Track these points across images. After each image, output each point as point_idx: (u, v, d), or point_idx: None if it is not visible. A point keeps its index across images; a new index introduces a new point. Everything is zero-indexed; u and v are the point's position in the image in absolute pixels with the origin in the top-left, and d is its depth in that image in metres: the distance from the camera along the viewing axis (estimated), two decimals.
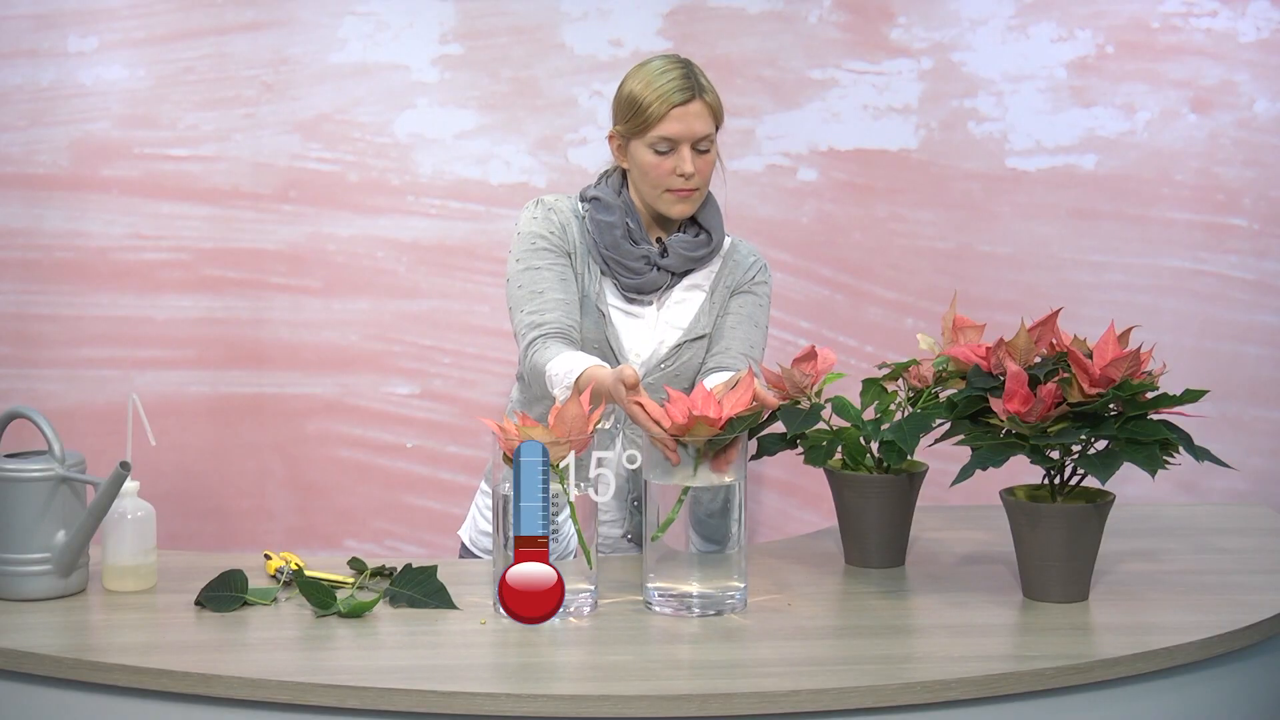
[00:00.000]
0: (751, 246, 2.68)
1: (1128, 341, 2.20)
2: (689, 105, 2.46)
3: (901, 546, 2.44)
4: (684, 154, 2.47)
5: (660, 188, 2.50)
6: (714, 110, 2.49)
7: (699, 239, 2.57)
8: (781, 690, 1.89)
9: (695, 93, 2.47)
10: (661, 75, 2.48)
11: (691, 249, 2.55)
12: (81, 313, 3.29)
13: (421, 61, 3.29)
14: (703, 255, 2.56)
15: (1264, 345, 3.40)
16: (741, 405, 2.17)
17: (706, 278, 2.60)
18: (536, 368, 2.40)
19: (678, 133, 2.46)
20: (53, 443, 2.23)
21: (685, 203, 2.51)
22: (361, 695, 1.90)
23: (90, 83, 3.25)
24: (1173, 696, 2.06)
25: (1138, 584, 2.32)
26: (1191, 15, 3.33)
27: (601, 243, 2.53)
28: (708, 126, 2.48)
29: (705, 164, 2.50)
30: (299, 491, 3.35)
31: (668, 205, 2.51)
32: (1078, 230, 3.37)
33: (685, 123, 2.46)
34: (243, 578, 2.22)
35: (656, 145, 2.48)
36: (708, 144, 2.49)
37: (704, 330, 2.58)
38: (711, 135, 2.49)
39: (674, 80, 2.47)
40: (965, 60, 3.33)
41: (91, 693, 1.98)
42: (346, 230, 3.30)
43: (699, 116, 2.47)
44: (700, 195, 2.53)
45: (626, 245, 2.52)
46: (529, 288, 2.49)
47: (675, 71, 2.48)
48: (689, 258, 2.55)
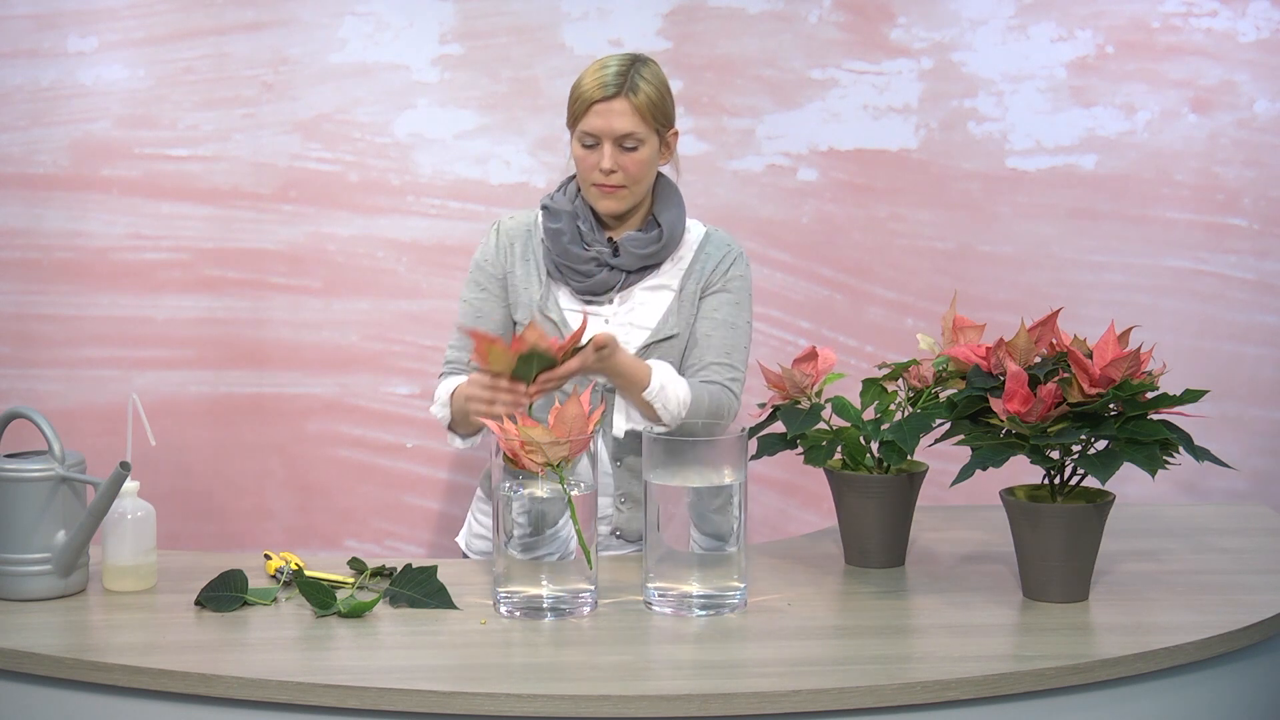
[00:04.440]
0: (726, 236, 2.65)
1: (1128, 341, 2.20)
2: (611, 102, 2.47)
3: (901, 546, 2.44)
4: (605, 150, 2.48)
5: (587, 182, 2.53)
6: (641, 110, 2.47)
7: (651, 235, 2.55)
8: (781, 690, 1.89)
9: (620, 90, 2.46)
10: (599, 71, 2.50)
11: (642, 246, 2.54)
12: (81, 313, 3.29)
13: (421, 61, 3.29)
14: (655, 251, 2.55)
15: (1264, 345, 3.40)
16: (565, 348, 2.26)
17: (674, 275, 2.58)
18: (435, 393, 2.58)
19: (598, 128, 2.48)
20: (53, 443, 2.23)
21: (610, 199, 2.52)
22: (361, 695, 1.90)
23: (90, 83, 3.24)
24: (1173, 696, 2.06)
25: (1138, 584, 2.32)
26: (1191, 15, 3.33)
27: (553, 250, 2.55)
28: (631, 125, 2.47)
29: (631, 162, 2.49)
30: (299, 491, 3.35)
31: (594, 199, 2.53)
32: (1078, 230, 3.37)
33: (605, 119, 2.47)
34: (243, 578, 2.22)
35: (583, 139, 2.50)
36: (633, 142, 2.48)
37: (674, 330, 2.56)
38: (638, 134, 2.48)
39: (605, 76, 2.48)
40: (965, 60, 3.33)
41: (91, 693, 1.98)
42: (346, 230, 3.30)
43: (621, 114, 2.46)
44: (630, 194, 2.52)
45: (576, 249, 2.53)
46: (459, 319, 2.61)
47: (612, 68, 2.49)
48: (641, 255, 2.54)
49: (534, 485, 2.17)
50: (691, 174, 3.33)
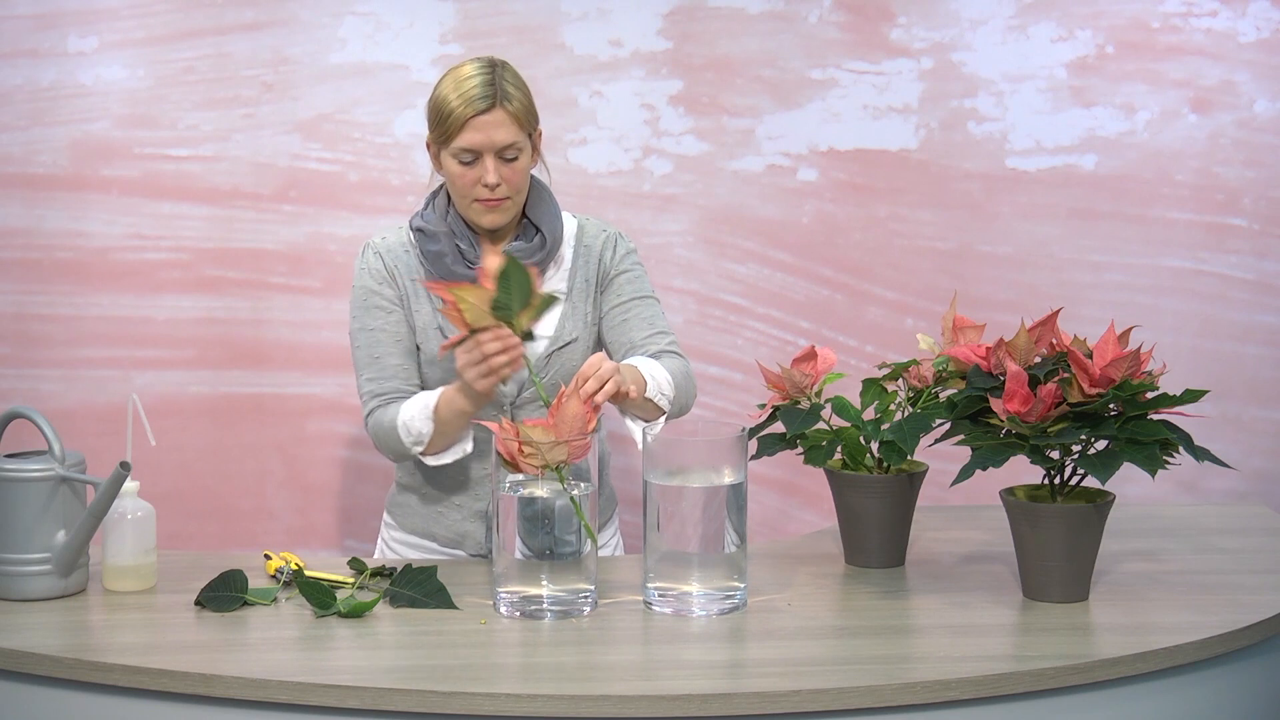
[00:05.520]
0: (600, 223, 2.61)
1: (1128, 341, 2.20)
2: (488, 114, 2.40)
3: (901, 546, 2.44)
4: (487, 164, 2.42)
5: (468, 198, 2.46)
6: (518, 117, 2.43)
7: (534, 243, 2.51)
8: (781, 690, 1.90)
9: (494, 101, 2.40)
10: (464, 82, 2.42)
11: (528, 256, 2.48)
12: (81, 313, 3.29)
13: (421, 61, 3.29)
14: (540, 259, 2.50)
15: (1264, 345, 3.40)
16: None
17: (561, 279, 2.54)
18: (383, 427, 2.45)
19: (478, 143, 2.41)
20: (53, 443, 2.23)
21: (494, 213, 2.46)
22: (361, 695, 1.90)
23: (90, 83, 3.24)
24: (1173, 696, 2.06)
25: (1138, 584, 2.32)
26: (1191, 15, 3.33)
27: (437, 273, 2.48)
28: (510, 135, 2.42)
29: (512, 172, 2.44)
30: (299, 491, 3.35)
31: (477, 215, 2.47)
32: (1078, 230, 3.37)
33: (485, 132, 2.41)
34: (243, 578, 2.22)
35: (460, 156, 2.43)
36: (514, 152, 2.43)
37: (573, 335, 2.52)
38: (517, 143, 2.43)
39: (474, 88, 2.41)
40: (965, 60, 3.33)
41: (91, 693, 1.98)
42: (346, 230, 3.30)
43: (499, 125, 2.41)
44: (513, 204, 2.47)
45: (460, 270, 2.47)
46: (366, 350, 2.51)
47: (478, 78, 2.42)
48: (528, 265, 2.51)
49: (534, 486, 2.17)
50: (691, 174, 3.33)
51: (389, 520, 2.68)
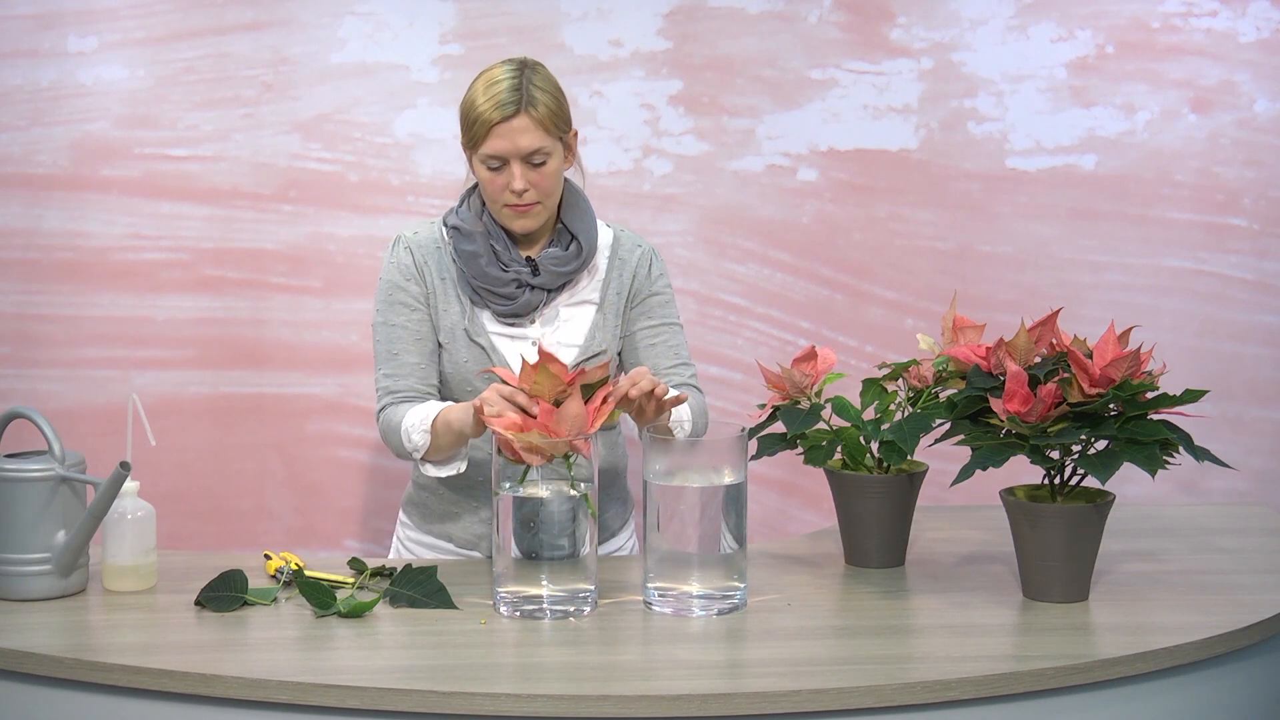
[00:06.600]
0: (635, 237, 2.60)
1: (1128, 341, 2.20)
2: (512, 121, 2.39)
3: (901, 546, 2.44)
4: (514, 170, 2.41)
5: (498, 203, 2.45)
6: (544, 122, 2.41)
7: (570, 251, 2.50)
8: (781, 690, 1.90)
9: (519, 106, 2.39)
10: (492, 87, 2.41)
11: (562, 264, 2.48)
12: (81, 313, 3.29)
13: (421, 61, 3.29)
14: (575, 268, 2.50)
15: (1264, 345, 3.40)
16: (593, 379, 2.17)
17: (594, 289, 2.54)
18: (390, 426, 2.46)
19: (503, 149, 2.40)
20: (53, 443, 2.23)
21: (525, 218, 2.45)
22: (361, 695, 1.90)
23: (90, 83, 3.24)
24: (1173, 696, 2.06)
25: (1138, 584, 2.32)
26: (1191, 15, 3.33)
27: (469, 273, 2.48)
28: (536, 140, 2.40)
29: (541, 177, 2.43)
30: (299, 491, 3.35)
31: (507, 220, 2.46)
32: (1078, 230, 3.37)
33: (509, 139, 2.40)
34: (243, 578, 2.22)
35: (488, 163, 2.43)
36: (541, 157, 2.42)
37: (602, 346, 2.52)
38: (544, 148, 2.41)
39: (500, 93, 2.40)
40: (965, 60, 3.33)
41: (91, 693, 1.98)
42: (346, 230, 3.30)
43: (524, 131, 2.40)
44: (543, 209, 2.46)
45: (495, 272, 2.46)
46: (386, 346, 2.52)
47: (505, 82, 2.41)
48: (561, 273, 2.49)
49: (533, 486, 2.17)
50: (691, 174, 3.33)
51: (404, 520, 2.68)
